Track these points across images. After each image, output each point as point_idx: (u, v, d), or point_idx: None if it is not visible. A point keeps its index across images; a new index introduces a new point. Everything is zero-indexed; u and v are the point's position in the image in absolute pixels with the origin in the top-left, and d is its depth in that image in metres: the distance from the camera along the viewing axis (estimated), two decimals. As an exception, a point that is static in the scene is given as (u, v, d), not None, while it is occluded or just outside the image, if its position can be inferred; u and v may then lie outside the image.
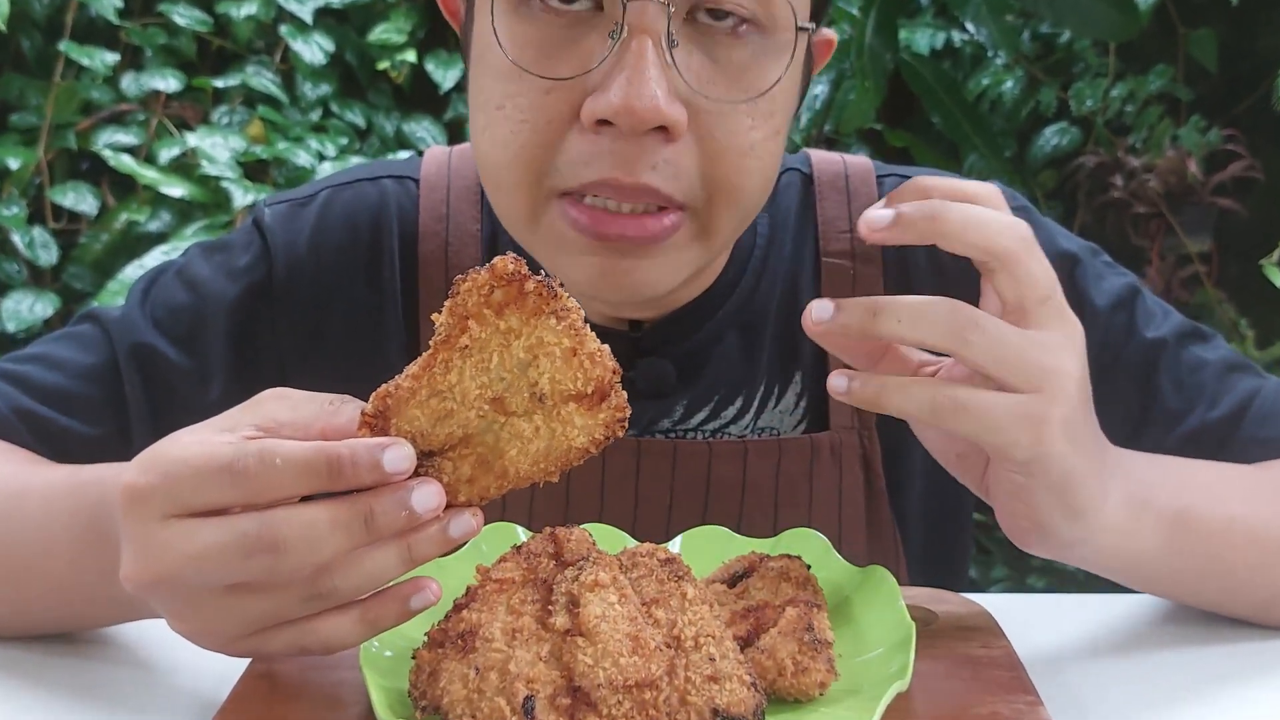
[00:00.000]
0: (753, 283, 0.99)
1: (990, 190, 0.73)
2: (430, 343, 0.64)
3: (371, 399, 0.64)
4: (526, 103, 0.81)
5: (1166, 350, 0.97)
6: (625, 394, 0.65)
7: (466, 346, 0.63)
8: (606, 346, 0.65)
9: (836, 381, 0.70)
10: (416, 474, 0.64)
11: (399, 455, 0.62)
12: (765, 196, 0.87)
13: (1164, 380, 0.97)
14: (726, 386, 0.99)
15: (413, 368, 0.64)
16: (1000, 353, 0.68)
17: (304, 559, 0.62)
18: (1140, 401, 0.97)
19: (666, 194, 0.80)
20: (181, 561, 0.63)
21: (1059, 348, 0.70)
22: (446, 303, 0.64)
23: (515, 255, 0.63)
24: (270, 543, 0.61)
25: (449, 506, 0.65)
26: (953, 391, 0.68)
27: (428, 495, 0.63)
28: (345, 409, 0.65)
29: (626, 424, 0.66)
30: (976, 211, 0.70)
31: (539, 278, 0.63)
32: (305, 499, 0.63)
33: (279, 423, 0.65)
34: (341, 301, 0.99)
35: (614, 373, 0.64)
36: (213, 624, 0.66)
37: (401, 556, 0.64)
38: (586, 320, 0.64)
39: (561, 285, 0.64)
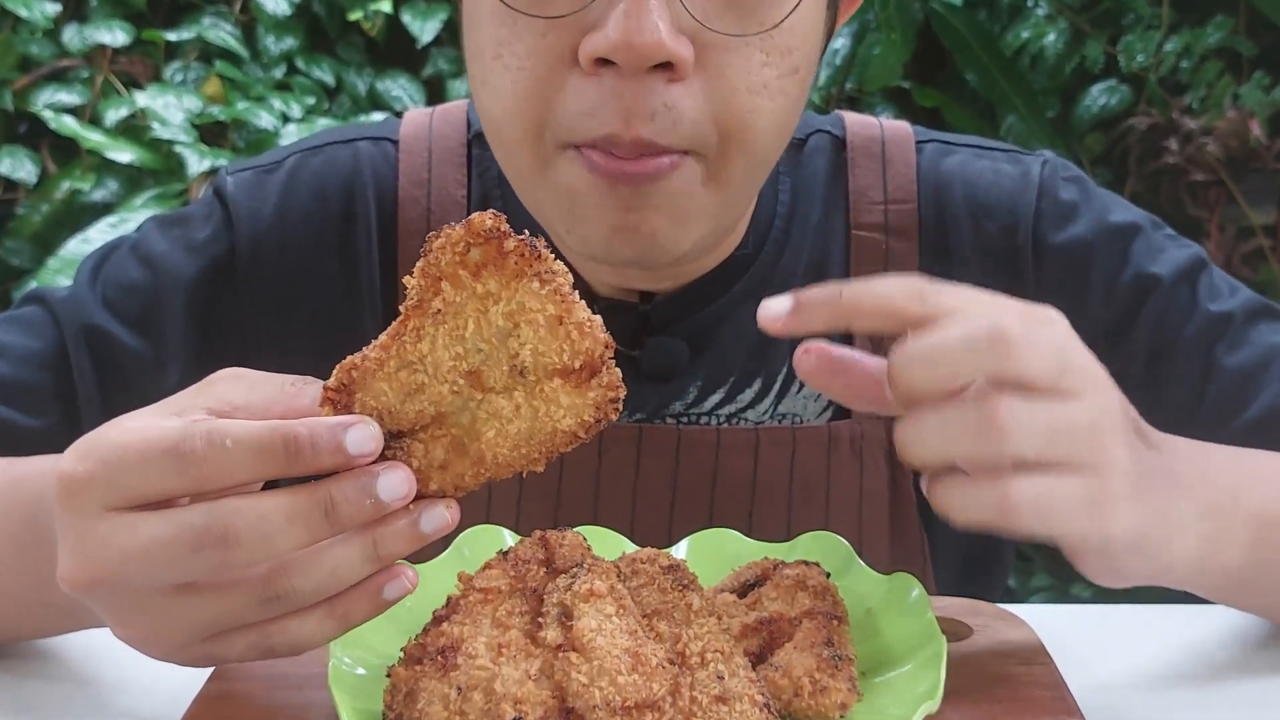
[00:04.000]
0: (774, 254, 1.00)
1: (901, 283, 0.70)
2: (400, 308, 0.64)
3: (335, 372, 0.64)
4: (523, 48, 0.82)
5: (1232, 325, 0.97)
6: (619, 372, 0.65)
7: (439, 311, 0.63)
8: (598, 317, 0.64)
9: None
10: (383, 458, 0.63)
11: (363, 435, 0.62)
12: (782, 143, 0.88)
13: (1227, 358, 0.96)
14: (743, 367, 0.99)
15: (382, 338, 0.64)
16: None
17: (256, 554, 0.62)
18: (1199, 381, 0.97)
19: (664, 146, 0.81)
20: (121, 559, 0.63)
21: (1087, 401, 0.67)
22: (418, 263, 0.63)
23: (495, 211, 0.63)
24: (219, 536, 0.61)
25: (419, 496, 0.64)
26: (999, 492, 0.65)
27: (395, 482, 0.63)
28: (308, 390, 0.65)
29: (620, 405, 0.65)
30: (878, 285, 0.68)
31: (521, 236, 0.63)
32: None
33: (234, 406, 0.65)
34: (312, 277, 1.00)
35: (606, 346, 0.64)
36: (159, 630, 0.66)
37: (366, 553, 0.64)
38: (575, 288, 0.64)
39: (547, 246, 0.63)
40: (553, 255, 0.63)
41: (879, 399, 0.70)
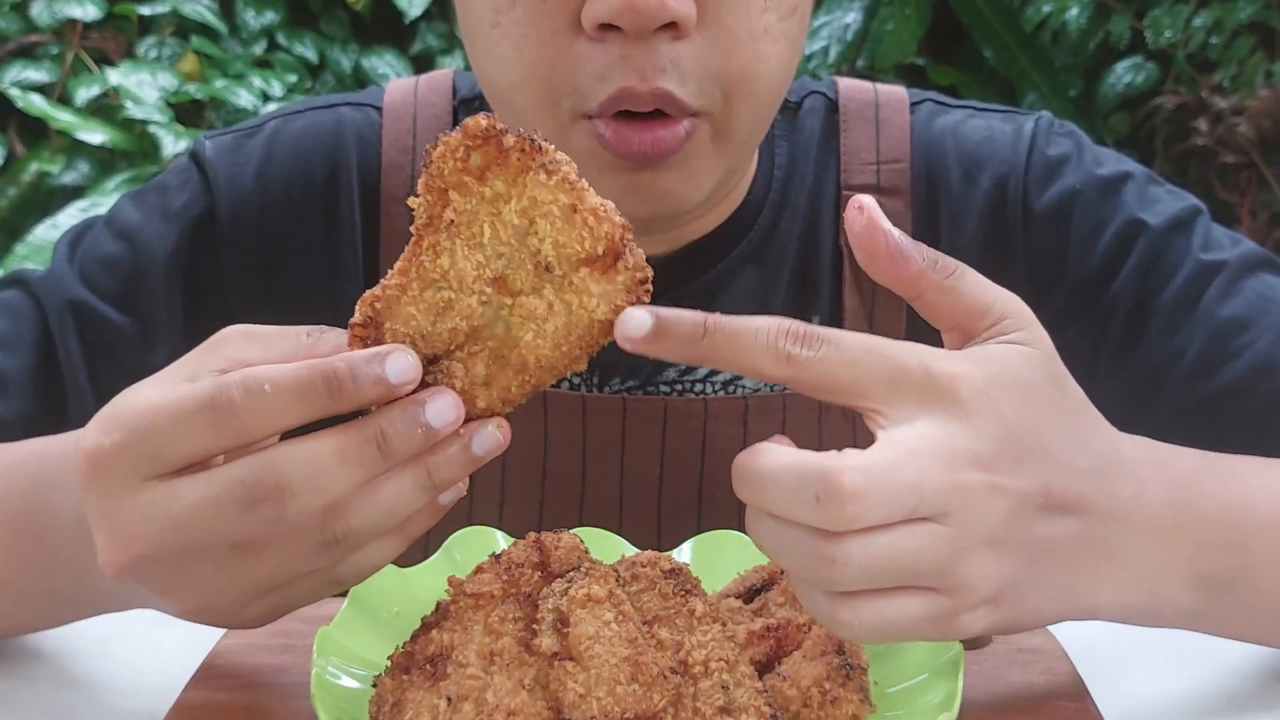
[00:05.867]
0: (771, 217, 1.02)
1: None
2: (411, 229, 0.65)
3: (358, 306, 0.65)
4: (522, 15, 0.84)
5: (1225, 273, 0.96)
6: (642, 252, 0.66)
7: (452, 222, 0.64)
8: (609, 201, 0.65)
9: None
10: (424, 385, 0.64)
11: (403, 364, 0.63)
12: (784, 87, 0.90)
13: (1216, 306, 0.95)
14: None
15: (399, 263, 0.65)
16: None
17: (312, 501, 0.62)
18: (1185, 332, 0.96)
19: (681, 99, 0.84)
20: (168, 528, 0.63)
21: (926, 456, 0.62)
22: (420, 180, 0.64)
23: (486, 113, 0.64)
24: (272, 487, 0.61)
25: (468, 419, 0.65)
26: (833, 610, 0.63)
27: (444, 407, 0.64)
28: (327, 338, 0.66)
29: (650, 287, 0.66)
30: (742, 324, 0.65)
31: (519, 132, 0.64)
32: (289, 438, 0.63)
33: (249, 364, 0.65)
34: (294, 242, 1.02)
35: (624, 228, 0.65)
36: (218, 596, 0.66)
37: (420, 483, 0.64)
38: (580, 176, 0.65)
39: (546, 140, 0.64)
40: (553, 146, 0.64)
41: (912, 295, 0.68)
